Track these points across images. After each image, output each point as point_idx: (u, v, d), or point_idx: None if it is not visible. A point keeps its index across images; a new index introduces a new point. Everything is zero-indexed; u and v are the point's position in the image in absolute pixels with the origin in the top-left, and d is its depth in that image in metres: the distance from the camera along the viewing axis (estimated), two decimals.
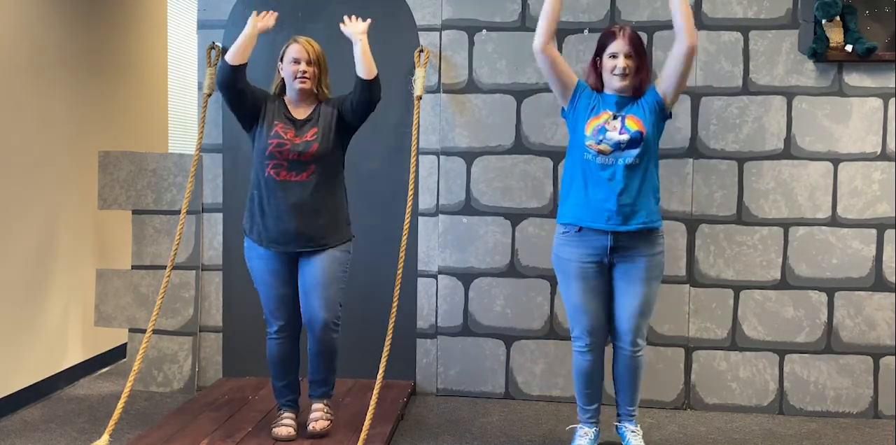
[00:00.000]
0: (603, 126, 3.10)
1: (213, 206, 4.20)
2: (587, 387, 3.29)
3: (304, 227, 3.18)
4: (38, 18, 4.01)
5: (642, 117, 3.11)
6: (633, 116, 3.10)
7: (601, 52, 3.15)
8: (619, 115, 3.11)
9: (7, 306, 3.82)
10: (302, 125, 3.22)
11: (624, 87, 3.11)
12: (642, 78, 3.13)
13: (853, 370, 3.92)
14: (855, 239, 3.90)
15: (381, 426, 3.37)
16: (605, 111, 3.13)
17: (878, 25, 3.85)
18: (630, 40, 3.09)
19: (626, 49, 3.08)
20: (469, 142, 4.08)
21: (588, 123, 3.13)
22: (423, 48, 4.04)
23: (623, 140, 3.07)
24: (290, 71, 3.22)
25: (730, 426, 3.78)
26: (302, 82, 3.21)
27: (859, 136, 3.88)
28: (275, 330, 3.27)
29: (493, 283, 4.09)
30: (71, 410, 3.87)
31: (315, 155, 3.18)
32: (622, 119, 3.10)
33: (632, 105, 3.14)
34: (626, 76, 3.09)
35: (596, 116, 3.13)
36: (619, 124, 3.10)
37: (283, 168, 3.18)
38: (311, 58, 3.22)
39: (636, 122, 3.09)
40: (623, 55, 3.08)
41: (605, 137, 3.08)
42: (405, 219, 3.76)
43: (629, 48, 3.08)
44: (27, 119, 3.94)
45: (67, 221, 4.31)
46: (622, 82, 3.10)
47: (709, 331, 3.98)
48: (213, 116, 4.17)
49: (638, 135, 3.07)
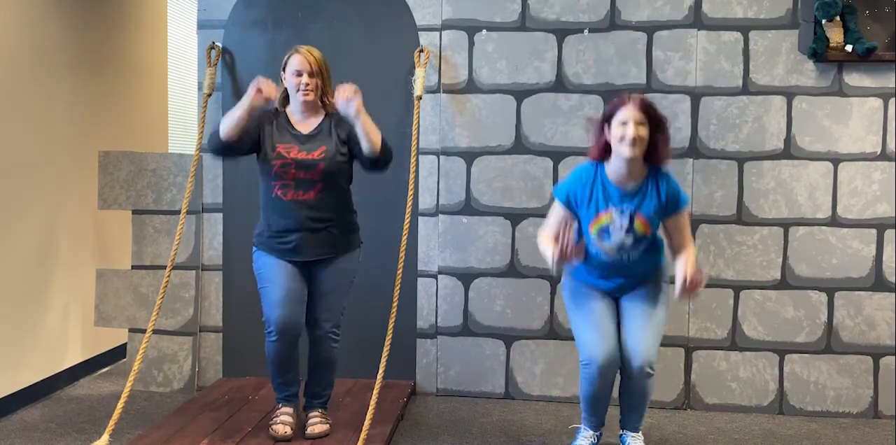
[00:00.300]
0: (608, 228, 2.99)
1: (213, 206, 4.20)
2: (595, 407, 3.19)
3: (314, 243, 3.19)
4: (38, 18, 4.01)
5: (650, 218, 2.98)
6: (642, 217, 2.97)
7: (609, 119, 2.94)
8: (626, 211, 2.97)
9: (7, 306, 3.82)
10: (307, 140, 3.16)
11: (633, 158, 2.91)
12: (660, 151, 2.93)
13: (853, 370, 3.92)
14: (855, 239, 3.90)
15: (381, 426, 3.37)
16: (610, 210, 2.99)
17: (878, 25, 3.86)
18: (642, 107, 2.90)
19: (637, 117, 2.88)
20: (469, 142, 4.08)
21: (591, 224, 3.02)
22: (423, 48, 4.04)
23: (628, 242, 2.99)
24: (292, 83, 3.16)
25: (730, 426, 3.78)
26: (305, 94, 3.15)
27: (859, 136, 3.88)
28: (275, 332, 3.20)
29: (493, 283, 4.09)
30: (71, 410, 3.87)
31: (322, 173, 3.14)
32: (630, 218, 2.97)
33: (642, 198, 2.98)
34: (634, 145, 2.87)
35: (598, 216, 3.00)
36: (626, 223, 2.97)
37: (290, 188, 3.14)
38: (314, 69, 3.15)
39: (643, 224, 2.98)
40: (634, 122, 2.87)
41: (609, 240, 3.00)
42: (405, 219, 3.76)
43: (641, 115, 2.88)
44: (27, 119, 3.94)
45: (67, 221, 4.31)
46: (631, 152, 2.88)
47: (709, 331, 3.98)
48: (213, 116, 4.17)
49: (643, 237, 2.99)
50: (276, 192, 3.16)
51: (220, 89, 4.16)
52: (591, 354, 3.04)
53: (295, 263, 3.21)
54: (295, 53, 3.18)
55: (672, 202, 3.00)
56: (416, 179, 4.02)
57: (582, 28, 3.99)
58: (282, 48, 4.10)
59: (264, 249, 3.23)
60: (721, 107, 3.93)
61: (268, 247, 3.22)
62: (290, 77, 3.17)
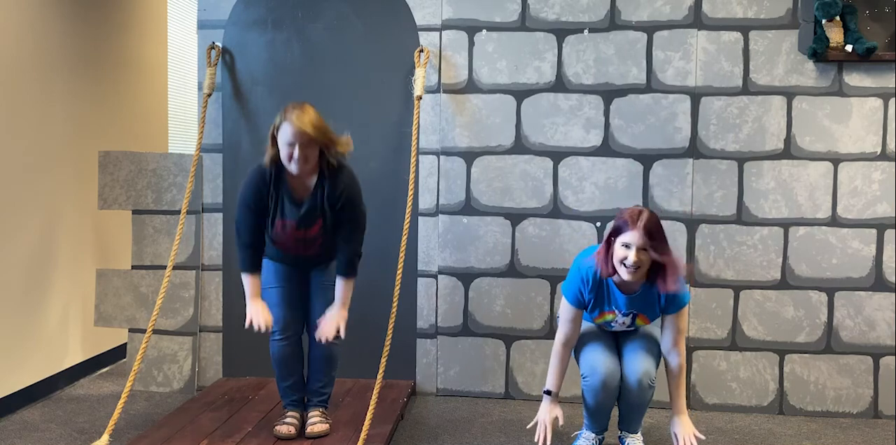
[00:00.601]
0: (611, 323, 3.18)
1: (213, 206, 4.20)
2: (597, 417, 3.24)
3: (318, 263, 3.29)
4: (38, 18, 4.01)
5: (652, 316, 3.14)
6: (644, 316, 3.14)
7: (615, 235, 2.94)
8: (629, 313, 3.12)
9: (7, 306, 3.82)
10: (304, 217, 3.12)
11: (633, 281, 2.95)
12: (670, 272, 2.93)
13: (853, 370, 3.92)
14: (855, 239, 3.90)
15: (381, 426, 3.37)
16: (613, 310, 3.12)
17: (878, 25, 3.85)
18: (647, 232, 2.87)
19: (640, 242, 2.87)
20: (469, 142, 4.08)
21: (595, 319, 3.19)
22: (423, 48, 4.04)
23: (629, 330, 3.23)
24: (284, 153, 2.99)
25: (730, 426, 3.78)
26: (298, 166, 3.01)
27: (859, 136, 3.88)
28: (277, 331, 3.26)
29: (493, 283, 4.09)
30: (71, 410, 3.87)
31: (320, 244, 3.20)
32: (633, 317, 3.14)
33: (644, 302, 3.07)
34: (636, 270, 2.90)
35: (602, 313, 3.14)
36: (628, 321, 3.15)
37: (289, 247, 3.22)
38: (305, 140, 2.96)
39: (645, 320, 3.17)
40: (636, 247, 2.87)
41: (611, 329, 3.23)
42: (405, 219, 3.77)
43: (644, 241, 2.87)
44: (27, 119, 3.94)
45: (67, 221, 4.30)
46: (631, 276, 2.92)
47: (709, 331, 3.98)
48: (213, 116, 4.17)
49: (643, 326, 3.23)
50: (277, 245, 3.22)
51: (220, 89, 4.16)
52: (593, 366, 3.11)
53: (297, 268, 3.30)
54: (285, 122, 2.96)
55: (673, 304, 3.07)
56: (416, 179, 4.02)
57: (582, 28, 3.99)
58: (282, 48, 4.12)
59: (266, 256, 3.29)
60: (721, 107, 3.93)
61: (267, 254, 3.28)
62: (282, 146, 2.99)
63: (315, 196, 3.11)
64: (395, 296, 3.66)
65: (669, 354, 3.14)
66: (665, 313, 3.10)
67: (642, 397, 3.14)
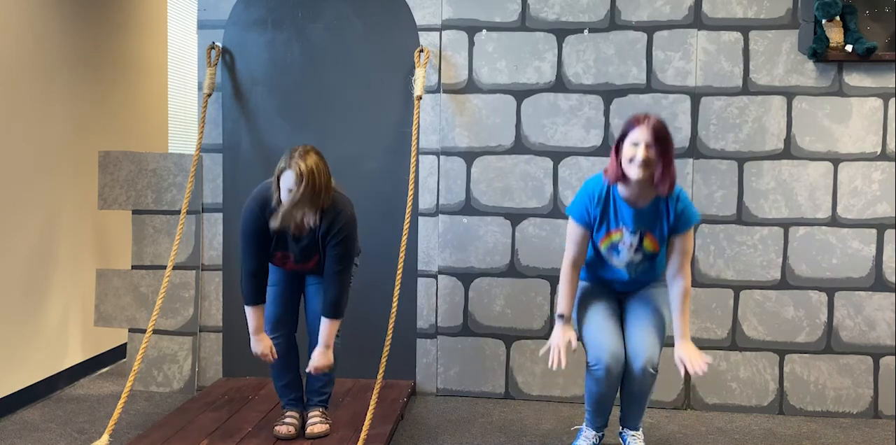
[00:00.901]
0: (618, 245, 3.06)
1: (213, 206, 4.20)
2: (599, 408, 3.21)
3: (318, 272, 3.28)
4: (38, 18, 4.01)
5: (660, 237, 3.04)
6: (651, 236, 3.03)
7: (623, 139, 2.97)
8: (636, 231, 3.03)
9: (7, 306, 3.82)
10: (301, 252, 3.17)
11: (642, 178, 2.93)
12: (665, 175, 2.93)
13: (853, 370, 3.92)
14: (855, 239, 3.90)
15: (381, 426, 3.37)
16: (620, 228, 3.04)
17: (878, 25, 3.86)
18: (654, 130, 2.91)
19: (647, 138, 2.90)
20: (469, 142, 4.08)
21: (602, 240, 3.08)
22: (423, 48, 4.04)
23: (637, 259, 3.08)
24: (286, 198, 2.99)
25: (730, 426, 3.78)
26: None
27: (859, 136, 3.88)
28: (269, 329, 3.27)
29: (493, 283, 4.09)
30: (71, 410, 3.87)
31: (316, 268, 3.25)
32: (640, 237, 3.04)
33: (654, 218, 3.03)
34: (645, 166, 2.90)
35: (609, 233, 3.06)
36: (636, 241, 3.04)
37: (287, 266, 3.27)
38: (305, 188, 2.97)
39: (653, 243, 3.05)
40: (644, 144, 2.90)
41: (618, 256, 3.09)
42: (405, 219, 3.77)
43: (651, 138, 2.90)
44: (27, 119, 3.94)
45: (67, 221, 4.31)
46: (640, 173, 2.91)
47: (709, 331, 3.98)
48: (213, 116, 4.17)
49: (652, 255, 3.07)
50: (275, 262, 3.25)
51: (220, 89, 4.16)
52: (599, 356, 3.06)
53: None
54: (288, 170, 2.96)
55: (682, 220, 3.03)
56: (416, 179, 4.02)
57: (582, 28, 3.99)
58: (282, 48, 4.13)
59: None
60: (721, 107, 3.93)
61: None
62: (283, 192, 3.00)
63: (314, 232, 3.12)
64: (395, 296, 3.66)
65: (675, 277, 3.07)
66: (673, 232, 3.03)
67: (644, 384, 3.09)
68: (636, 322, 3.12)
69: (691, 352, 3.05)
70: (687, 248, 3.07)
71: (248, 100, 4.16)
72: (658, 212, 3.02)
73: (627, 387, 3.16)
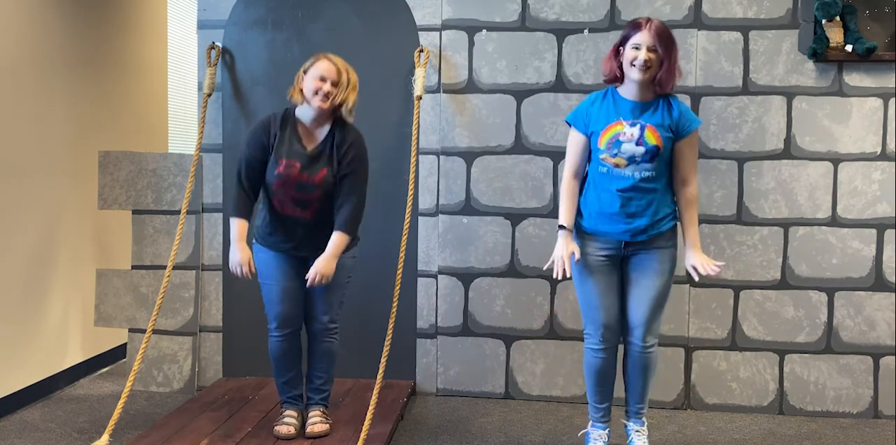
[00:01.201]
0: (618, 138, 3.01)
1: (213, 206, 4.20)
2: (599, 385, 3.23)
3: (316, 244, 3.20)
4: (38, 18, 4.01)
5: (662, 130, 3.01)
6: (652, 127, 3.00)
7: (624, 43, 3.02)
8: (637, 123, 3.01)
9: (7, 306, 3.82)
10: (310, 162, 3.14)
11: (643, 80, 2.98)
12: (668, 74, 2.99)
13: (853, 370, 3.92)
14: (855, 239, 3.90)
15: (381, 426, 3.37)
16: (620, 121, 3.02)
17: (878, 25, 3.86)
18: (656, 33, 2.98)
19: (650, 41, 2.96)
20: (469, 142, 4.08)
21: (601, 135, 3.03)
22: (423, 48, 4.04)
23: (639, 153, 3.00)
24: (311, 86, 3.09)
25: (730, 426, 3.78)
26: (322, 101, 3.10)
27: (859, 136, 3.88)
28: (276, 327, 3.27)
29: (493, 283, 4.09)
30: (71, 410, 3.87)
31: (318, 198, 3.17)
32: (641, 128, 3.00)
33: (653, 112, 3.03)
34: (647, 69, 2.96)
35: (609, 126, 3.03)
36: (637, 133, 3.00)
37: (287, 204, 3.18)
38: (340, 79, 3.11)
39: (655, 135, 3.00)
40: (646, 47, 2.96)
41: (619, 150, 3.00)
42: (405, 219, 3.77)
43: (654, 41, 2.97)
44: (27, 119, 3.94)
45: (67, 221, 4.30)
46: (641, 75, 2.97)
47: (709, 331, 3.98)
48: (213, 116, 4.17)
49: (654, 150, 3.00)
50: (274, 202, 3.20)
51: (220, 89, 4.16)
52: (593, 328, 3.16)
53: (294, 257, 3.25)
54: (323, 59, 3.13)
55: (685, 119, 3.05)
56: (416, 179, 4.02)
57: (582, 28, 3.99)
58: (282, 48, 4.13)
59: (263, 244, 3.28)
60: (721, 107, 3.93)
61: (266, 243, 3.27)
62: (310, 80, 3.10)
63: (324, 143, 3.16)
64: (395, 296, 3.66)
65: (682, 185, 3.09)
66: (677, 137, 3.03)
67: (645, 357, 3.16)
68: (637, 292, 3.13)
69: (702, 258, 3.10)
70: (691, 155, 3.10)
71: (248, 100, 4.16)
72: (659, 107, 3.05)
73: (628, 362, 3.20)
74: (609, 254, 3.12)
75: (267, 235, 3.26)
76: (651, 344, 3.16)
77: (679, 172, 3.09)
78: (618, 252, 3.12)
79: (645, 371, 3.20)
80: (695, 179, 3.11)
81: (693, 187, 3.10)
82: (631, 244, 3.10)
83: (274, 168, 3.14)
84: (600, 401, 3.26)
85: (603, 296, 3.14)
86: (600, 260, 3.13)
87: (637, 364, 3.19)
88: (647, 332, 3.13)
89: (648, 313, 3.12)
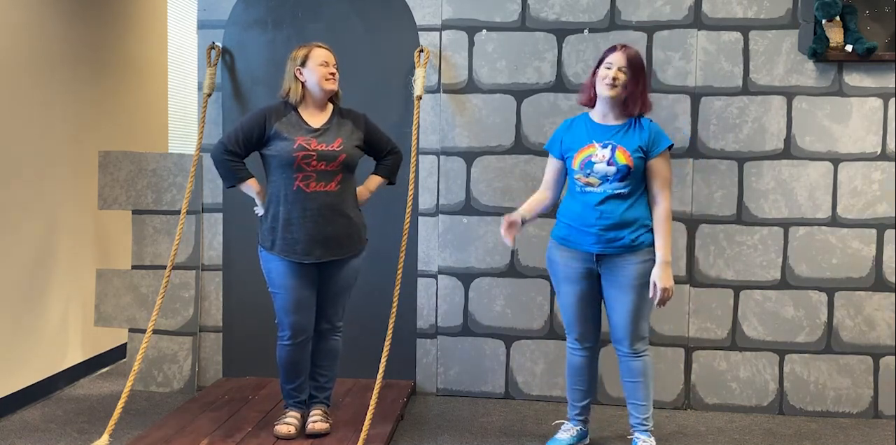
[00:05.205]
0: (590, 159, 3.15)
1: (213, 206, 4.20)
2: (576, 383, 3.35)
3: (333, 232, 3.20)
4: (38, 18, 4.01)
5: (632, 150, 3.13)
6: (623, 148, 3.13)
7: (599, 64, 3.20)
8: (609, 144, 3.15)
9: (7, 306, 3.82)
10: (322, 133, 3.21)
11: (611, 98, 3.14)
12: (633, 98, 3.15)
13: (853, 370, 3.92)
14: (855, 239, 3.90)
15: (381, 426, 3.37)
16: (592, 143, 3.17)
17: (878, 25, 3.86)
18: (628, 57, 3.14)
19: (621, 62, 3.13)
20: (469, 142, 4.08)
21: (575, 157, 3.19)
22: (423, 48, 4.04)
23: (610, 173, 3.12)
24: (319, 73, 3.22)
25: (730, 426, 3.78)
26: (333, 83, 3.25)
27: (859, 136, 3.88)
28: (288, 336, 3.23)
29: (493, 283, 4.09)
30: (71, 410, 3.87)
31: (342, 164, 3.21)
32: (612, 149, 3.14)
33: (624, 133, 3.17)
34: (614, 86, 3.12)
35: (582, 149, 3.18)
36: (608, 154, 3.13)
37: (312, 179, 3.17)
38: (335, 61, 3.30)
39: (625, 156, 3.12)
40: (617, 67, 3.13)
41: (592, 170, 3.15)
42: (405, 219, 3.77)
43: (625, 62, 3.13)
44: (27, 119, 3.94)
45: (67, 221, 4.31)
46: (609, 92, 3.13)
47: (709, 331, 3.98)
48: (213, 116, 4.17)
49: (625, 169, 3.12)
50: (297, 185, 3.17)
51: (220, 89, 4.16)
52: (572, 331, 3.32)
53: (303, 265, 3.20)
54: (319, 48, 3.26)
55: (655, 139, 3.17)
56: (416, 179, 4.02)
57: (582, 28, 3.99)
58: (282, 48, 4.12)
59: (274, 252, 3.21)
60: (721, 107, 3.94)
61: (277, 249, 3.20)
62: (315, 67, 3.22)
63: (330, 121, 3.27)
64: (395, 296, 3.66)
65: (655, 201, 3.19)
66: (649, 155, 3.15)
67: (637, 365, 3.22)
68: (615, 306, 3.21)
69: (661, 279, 3.13)
70: (664, 173, 3.19)
71: (248, 100, 4.16)
72: (630, 128, 3.19)
73: (624, 372, 3.26)
74: (583, 266, 3.21)
75: (277, 239, 3.19)
76: (640, 349, 3.22)
77: (651, 190, 3.20)
78: (591, 263, 3.20)
79: (641, 377, 3.23)
80: (667, 197, 3.18)
81: (665, 205, 3.18)
82: (603, 256, 3.17)
83: (290, 145, 3.16)
84: (576, 399, 3.37)
85: (576, 306, 3.26)
86: (574, 269, 3.22)
87: (631, 371, 3.24)
88: (633, 340, 3.21)
89: (629, 325, 3.20)
